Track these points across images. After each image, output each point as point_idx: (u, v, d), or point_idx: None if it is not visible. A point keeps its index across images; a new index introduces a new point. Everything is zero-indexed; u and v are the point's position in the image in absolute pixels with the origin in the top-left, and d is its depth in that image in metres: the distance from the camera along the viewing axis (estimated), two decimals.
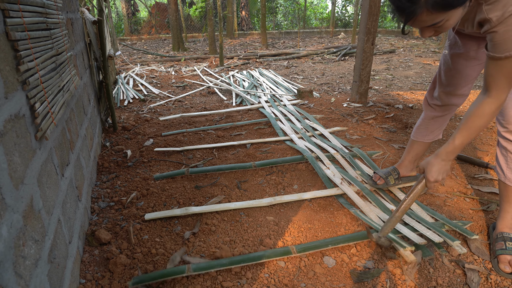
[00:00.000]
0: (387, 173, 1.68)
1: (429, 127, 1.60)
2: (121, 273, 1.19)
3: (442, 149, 1.17)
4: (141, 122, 2.85)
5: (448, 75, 1.44)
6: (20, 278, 0.69)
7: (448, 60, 1.42)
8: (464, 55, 1.37)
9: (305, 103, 3.36)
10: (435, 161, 1.17)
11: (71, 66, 1.52)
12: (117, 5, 14.28)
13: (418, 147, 1.66)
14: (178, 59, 6.93)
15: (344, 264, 1.24)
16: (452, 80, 1.44)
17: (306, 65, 6.14)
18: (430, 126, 1.60)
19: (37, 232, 0.82)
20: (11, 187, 0.70)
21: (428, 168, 1.18)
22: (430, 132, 1.61)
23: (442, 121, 1.59)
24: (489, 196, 1.64)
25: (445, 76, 1.46)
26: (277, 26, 15.49)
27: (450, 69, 1.43)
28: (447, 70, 1.44)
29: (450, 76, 1.44)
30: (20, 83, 0.83)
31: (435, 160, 1.18)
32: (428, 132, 1.62)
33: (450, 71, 1.43)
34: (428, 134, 1.62)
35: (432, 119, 1.59)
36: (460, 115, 2.86)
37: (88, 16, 2.27)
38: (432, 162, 1.18)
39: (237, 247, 1.32)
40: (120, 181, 1.82)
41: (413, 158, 1.68)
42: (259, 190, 1.75)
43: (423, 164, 1.22)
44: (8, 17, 0.80)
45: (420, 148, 1.66)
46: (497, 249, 1.24)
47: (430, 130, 1.61)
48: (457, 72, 1.41)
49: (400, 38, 10.35)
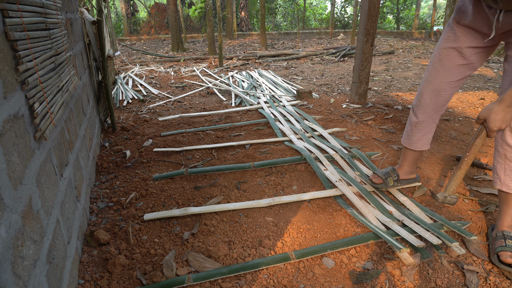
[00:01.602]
0: (387, 174, 1.66)
1: (413, 133, 1.57)
2: (120, 273, 1.19)
3: (506, 95, 1.08)
4: (140, 122, 2.85)
5: (433, 70, 1.42)
6: (18, 278, 0.68)
7: (438, 55, 1.40)
8: (459, 50, 1.34)
9: (304, 104, 3.36)
10: (499, 108, 1.09)
11: (70, 66, 1.52)
12: (116, 6, 14.27)
13: (411, 154, 1.64)
14: (177, 59, 6.93)
15: (343, 265, 1.24)
16: (436, 77, 1.41)
17: (305, 66, 6.14)
18: (414, 133, 1.57)
19: (36, 233, 0.82)
20: (10, 187, 0.70)
21: (492, 117, 1.09)
22: (416, 141, 1.58)
23: (425, 129, 1.54)
24: (488, 197, 1.64)
25: (429, 72, 1.44)
26: (276, 27, 15.51)
27: (438, 63, 1.40)
28: (434, 64, 1.42)
29: (435, 71, 1.41)
30: (19, 83, 0.83)
31: (499, 107, 1.09)
32: (414, 140, 1.58)
33: (437, 66, 1.40)
34: (413, 142, 1.59)
35: (414, 126, 1.56)
36: (458, 117, 2.87)
37: (87, 16, 2.27)
38: (496, 109, 1.09)
39: (236, 247, 1.32)
40: (119, 182, 1.82)
41: (410, 163, 1.66)
42: (258, 190, 1.74)
43: (484, 113, 1.13)
44: (7, 17, 0.80)
45: (413, 155, 1.64)
46: (497, 246, 1.24)
47: (415, 138, 1.57)
48: (444, 68, 1.39)
49: (399, 39, 10.37)
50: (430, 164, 1.97)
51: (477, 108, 3.15)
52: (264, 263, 1.21)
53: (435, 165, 1.96)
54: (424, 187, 1.72)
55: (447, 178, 1.81)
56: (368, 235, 1.34)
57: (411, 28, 13.41)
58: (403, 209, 1.54)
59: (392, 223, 1.41)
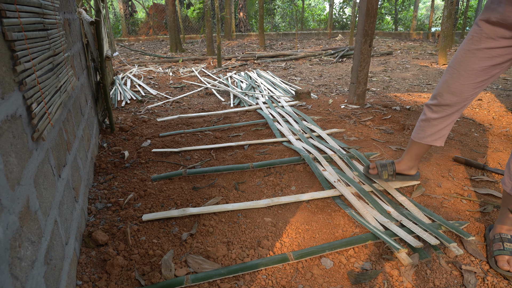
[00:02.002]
0: (383, 166, 1.70)
1: (425, 129, 1.55)
2: (118, 274, 1.18)
3: None
4: (138, 123, 2.85)
5: (454, 72, 1.39)
6: (16, 279, 0.68)
7: (460, 56, 1.36)
8: (483, 51, 1.29)
9: (302, 104, 3.36)
10: None
11: (69, 66, 1.51)
12: (114, 6, 14.26)
13: (416, 148, 1.63)
14: (176, 60, 6.93)
15: (342, 265, 1.24)
16: (458, 79, 1.38)
17: (304, 66, 6.15)
18: (426, 128, 1.55)
19: (34, 234, 0.81)
20: (7, 188, 0.70)
21: None
22: (428, 135, 1.56)
23: (440, 125, 1.52)
24: (486, 197, 1.65)
25: (450, 74, 1.40)
26: (275, 28, 15.53)
27: (460, 65, 1.37)
28: (456, 66, 1.38)
29: (457, 73, 1.38)
30: (16, 84, 0.83)
31: None
32: (425, 135, 1.56)
33: (458, 67, 1.37)
34: (425, 137, 1.56)
35: (428, 122, 1.53)
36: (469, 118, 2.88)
37: (85, 16, 2.27)
38: None
39: (235, 248, 1.31)
40: (118, 182, 1.81)
41: (412, 158, 1.66)
42: (257, 191, 1.74)
43: None
44: (4, 18, 0.79)
45: (418, 150, 1.63)
46: (495, 249, 1.24)
47: (427, 133, 1.56)
48: (466, 70, 1.35)
49: (398, 40, 10.40)
50: (428, 165, 1.97)
51: (474, 109, 3.17)
52: (263, 264, 1.21)
53: (433, 166, 1.97)
54: (422, 187, 1.72)
55: (444, 179, 1.82)
56: (366, 236, 1.35)
57: (409, 29, 13.45)
58: (402, 209, 1.54)
59: (390, 223, 1.42)
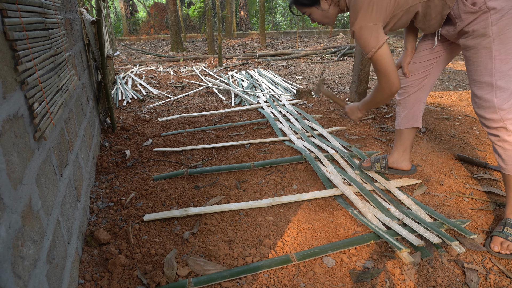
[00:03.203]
0: (376, 160, 1.82)
1: (400, 113, 1.74)
2: (120, 273, 1.19)
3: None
4: (140, 122, 2.85)
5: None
6: (18, 278, 0.68)
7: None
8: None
9: (304, 103, 3.36)
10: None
11: (70, 66, 1.51)
12: (115, 5, 14.26)
13: (399, 136, 1.77)
14: (177, 59, 6.93)
15: (344, 264, 1.24)
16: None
17: (305, 65, 6.14)
18: (400, 112, 1.74)
19: (36, 233, 0.81)
20: (10, 187, 0.70)
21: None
22: (402, 118, 1.73)
23: (408, 105, 1.69)
24: (488, 195, 1.65)
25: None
26: (276, 26, 15.50)
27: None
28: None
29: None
30: (18, 83, 0.83)
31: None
32: (400, 119, 1.74)
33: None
34: (400, 121, 1.74)
35: (399, 105, 1.73)
36: (458, 115, 2.87)
37: (86, 16, 2.27)
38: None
39: (237, 247, 1.32)
40: (119, 182, 1.82)
41: (399, 148, 1.78)
42: (259, 190, 1.74)
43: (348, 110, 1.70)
44: (6, 17, 0.80)
45: (401, 137, 1.76)
46: (495, 230, 1.32)
47: (401, 116, 1.73)
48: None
49: (399, 38, 10.37)
50: (430, 163, 1.97)
51: None
52: (265, 265, 1.21)
53: (434, 164, 1.96)
54: (424, 186, 1.72)
55: (446, 177, 1.82)
56: (368, 235, 1.34)
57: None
58: (403, 207, 1.54)
59: (392, 222, 1.42)
